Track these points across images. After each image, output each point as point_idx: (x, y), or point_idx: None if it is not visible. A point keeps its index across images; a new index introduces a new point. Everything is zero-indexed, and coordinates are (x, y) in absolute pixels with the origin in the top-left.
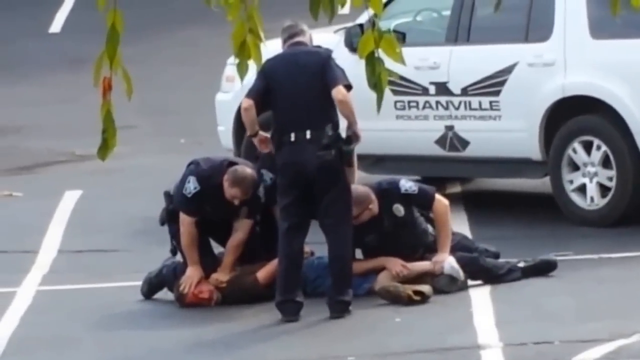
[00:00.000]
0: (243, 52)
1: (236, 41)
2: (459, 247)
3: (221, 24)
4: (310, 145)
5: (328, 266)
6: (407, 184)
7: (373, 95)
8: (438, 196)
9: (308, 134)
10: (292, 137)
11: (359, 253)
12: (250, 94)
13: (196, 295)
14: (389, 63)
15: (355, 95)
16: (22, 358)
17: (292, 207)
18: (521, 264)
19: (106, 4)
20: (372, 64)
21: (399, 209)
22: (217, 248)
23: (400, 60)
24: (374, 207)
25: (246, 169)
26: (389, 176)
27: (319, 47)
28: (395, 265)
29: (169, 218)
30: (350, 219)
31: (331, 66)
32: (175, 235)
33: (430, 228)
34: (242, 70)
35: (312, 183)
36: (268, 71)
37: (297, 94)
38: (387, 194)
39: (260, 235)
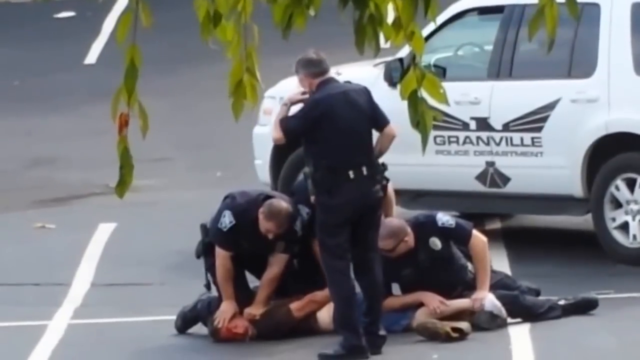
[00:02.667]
0: (239, 92)
1: (233, 80)
2: (500, 285)
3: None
4: (367, 181)
5: (367, 301)
6: (444, 218)
7: (413, 130)
8: (476, 232)
9: (365, 170)
10: (351, 174)
11: (396, 288)
12: (288, 130)
13: (230, 330)
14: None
15: (395, 129)
16: None
17: (345, 244)
18: (562, 302)
19: (125, 39)
20: (415, 103)
21: (435, 243)
22: (253, 282)
23: (444, 101)
24: (410, 239)
25: (282, 203)
26: (427, 211)
27: (349, 82)
28: (433, 300)
29: (205, 251)
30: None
31: (377, 104)
32: (210, 268)
33: (469, 265)
34: (236, 109)
35: (361, 218)
36: (325, 110)
37: (351, 131)
38: (424, 227)
39: (298, 270)
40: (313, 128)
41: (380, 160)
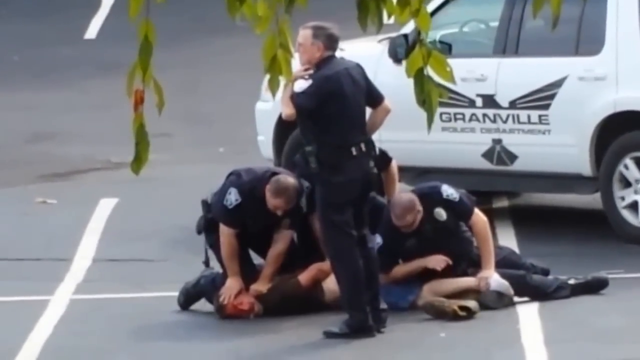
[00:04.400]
0: (274, 67)
1: (267, 56)
2: (506, 262)
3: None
4: (366, 158)
5: (367, 277)
6: (449, 190)
7: (418, 106)
8: (477, 210)
9: (363, 147)
10: (354, 151)
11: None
12: (302, 106)
13: (236, 307)
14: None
15: (400, 106)
16: None
17: (351, 221)
18: (571, 281)
19: (138, 13)
20: (421, 81)
21: (440, 214)
22: (255, 259)
23: (451, 79)
24: (421, 207)
25: (289, 178)
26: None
27: (342, 59)
28: (435, 260)
29: (207, 227)
30: None
31: (370, 80)
32: (213, 245)
33: (475, 241)
34: (273, 85)
35: (359, 195)
36: (334, 86)
37: (354, 108)
38: (429, 197)
39: (298, 244)
40: (322, 104)
41: (384, 136)
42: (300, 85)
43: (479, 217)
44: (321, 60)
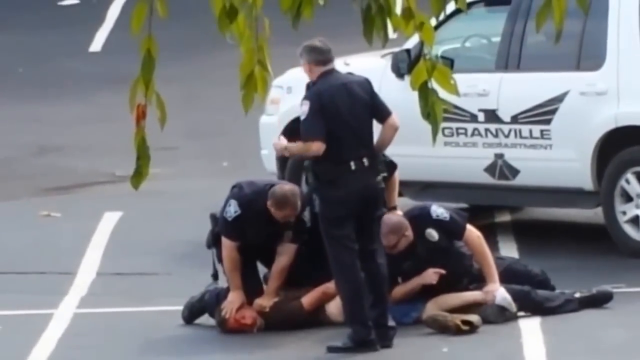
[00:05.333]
0: (250, 84)
1: (244, 72)
2: (511, 272)
3: None
4: (369, 172)
5: (373, 293)
6: (439, 210)
7: (421, 121)
8: (469, 227)
9: (366, 162)
10: (352, 165)
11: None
12: (318, 134)
13: (238, 321)
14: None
15: (403, 120)
16: None
17: (352, 235)
18: (577, 295)
19: (140, 29)
20: (425, 94)
21: (431, 234)
22: (262, 271)
23: (455, 91)
24: (409, 233)
25: (284, 186)
26: (422, 203)
27: (351, 74)
28: (430, 277)
29: (215, 241)
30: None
31: (378, 95)
32: (221, 258)
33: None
34: (247, 102)
35: (363, 210)
36: (326, 101)
37: (352, 123)
38: (419, 219)
39: (307, 259)
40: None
41: (386, 152)
42: (301, 112)
43: (472, 233)
44: (319, 77)
